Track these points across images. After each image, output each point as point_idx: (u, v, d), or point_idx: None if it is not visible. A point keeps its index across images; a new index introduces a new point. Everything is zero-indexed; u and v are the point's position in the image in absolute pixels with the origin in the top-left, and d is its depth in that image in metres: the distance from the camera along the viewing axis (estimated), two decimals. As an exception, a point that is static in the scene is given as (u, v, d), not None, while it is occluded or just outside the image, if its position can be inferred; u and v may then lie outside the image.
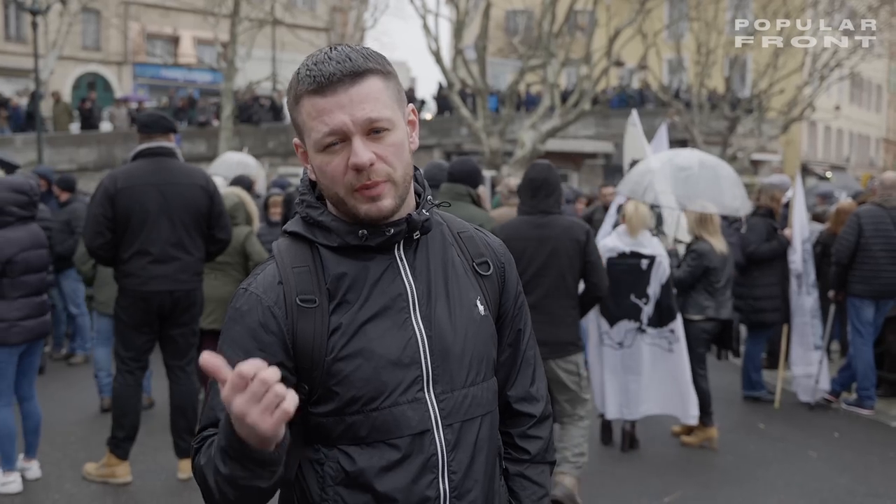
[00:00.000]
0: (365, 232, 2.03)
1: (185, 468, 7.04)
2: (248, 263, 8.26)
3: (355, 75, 1.95)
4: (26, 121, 30.44)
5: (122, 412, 6.86)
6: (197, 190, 6.78)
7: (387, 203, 2.01)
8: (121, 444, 6.89)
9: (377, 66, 2.00)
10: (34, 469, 6.99)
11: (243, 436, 1.74)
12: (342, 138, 1.96)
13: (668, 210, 9.52)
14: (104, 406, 8.97)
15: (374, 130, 1.97)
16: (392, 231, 2.05)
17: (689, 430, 8.47)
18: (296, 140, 2.11)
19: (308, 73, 1.96)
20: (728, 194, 8.91)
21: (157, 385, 8.97)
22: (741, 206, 9.03)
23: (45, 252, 6.74)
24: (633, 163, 10.01)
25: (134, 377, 6.86)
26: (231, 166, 14.91)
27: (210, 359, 1.67)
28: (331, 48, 2.01)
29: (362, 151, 1.95)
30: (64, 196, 11.17)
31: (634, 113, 10.36)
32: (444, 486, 2.06)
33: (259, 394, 1.66)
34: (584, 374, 6.64)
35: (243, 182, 11.27)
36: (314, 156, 2.01)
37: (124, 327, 6.78)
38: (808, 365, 9.72)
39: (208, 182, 6.90)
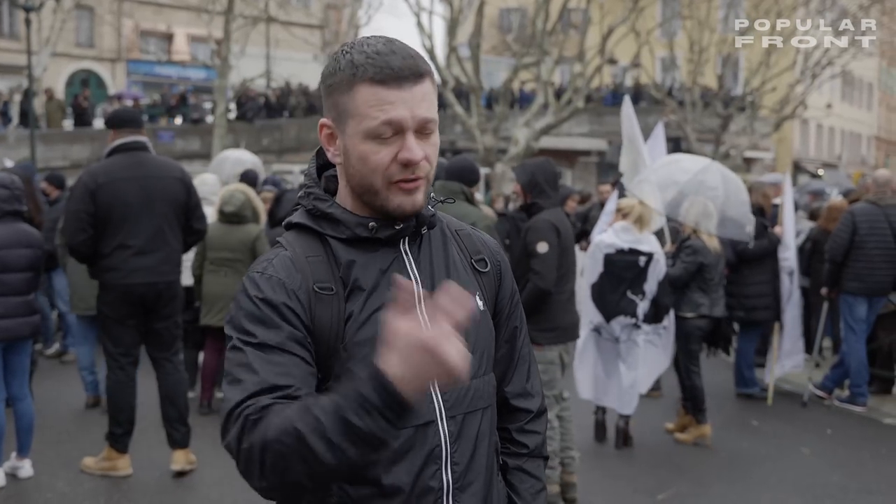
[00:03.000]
0: (375, 225, 2.05)
1: (178, 459, 7.06)
2: None
3: (419, 75, 1.99)
4: (20, 118, 30.36)
5: (117, 409, 6.89)
6: (175, 182, 6.91)
7: (420, 198, 2.05)
8: (120, 439, 6.94)
9: (430, 70, 2.04)
10: (27, 468, 6.96)
11: (405, 382, 1.69)
12: (397, 131, 1.98)
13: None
14: (88, 403, 9.07)
15: (424, 129, 2.00)
16: (401, 225, 2.07)
17: (682, 428, 8.49)
18: (324, 120, 2.10)
19: (371, 62, 1.96)
20: (748, 215, 8.96)
21: (143, 381, 8.94)
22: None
23: (30, 252, 6.66)
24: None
25: (126, 373, 6.90)
26: (236, 164, 14.85)
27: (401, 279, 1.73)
28: (387, 41, 2.02)
29: (416, 148, 1.98)
30: (54, 193, 11.14)
31: (626, 99, 10.27)
32: (447, 477, 2.07)
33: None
34: None
35: (248, 178, 11.30)
36: (359, 142, 2.01)
37: (110, 323, 6.82)
38: (797, 354, 9.79)
39: (184, 174, 7.06)
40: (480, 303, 2.21)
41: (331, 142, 2.10)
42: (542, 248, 6.31)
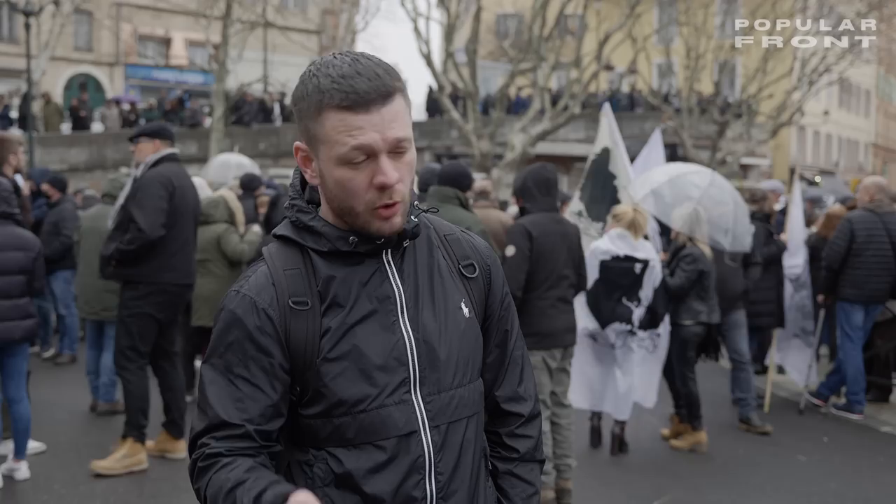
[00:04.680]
0: (355, 239, 2.05)
1: (184, 448, 7.33)
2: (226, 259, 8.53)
3: (386, 95, 1.96)
4: (19, 121, 30.28)
5: (144, 401, 7.24)
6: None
7: (398, 221, 2.04)
8: (143, 431, 7.25)
9: (400, 85, 2.01)
10: (23, 470, 6.96)
11: None
12: (369, 155, 1.97)
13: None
14: (101, 409, 9.00)
15: (398, 150, 1.99)
16: (382, 239, 2.07)
17: (678, 434, 8.49)
18: (298, 143, 2.09)
19: (336, 87, 1.94)
20: (748, 226, 8.99)
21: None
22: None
23: (22, 255, 6.64)
24: (604, 150, 9.78)
25: (146, 368, 7.29)
26: (230, 168, 14.93)
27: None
28: (353, 60, 1.99)
29: (391, 171, 1.97)
30: (56, 196, 11.15)
31: (606, 105, 10.19)
32: (430, 487, 2.07)
33: None
34: None
35: (251, 183, 11.40)
36: (333, 168, 2.00)
37: (150, 322, 7.11)
38: (803, 352, 9.92)
39: None
40: (466, 310, 2.21)
41: (307, 164, 2.09)
42: (509, 251, 6.34)
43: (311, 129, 2.02)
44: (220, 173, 14.64)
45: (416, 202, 2.19)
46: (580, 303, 7.58)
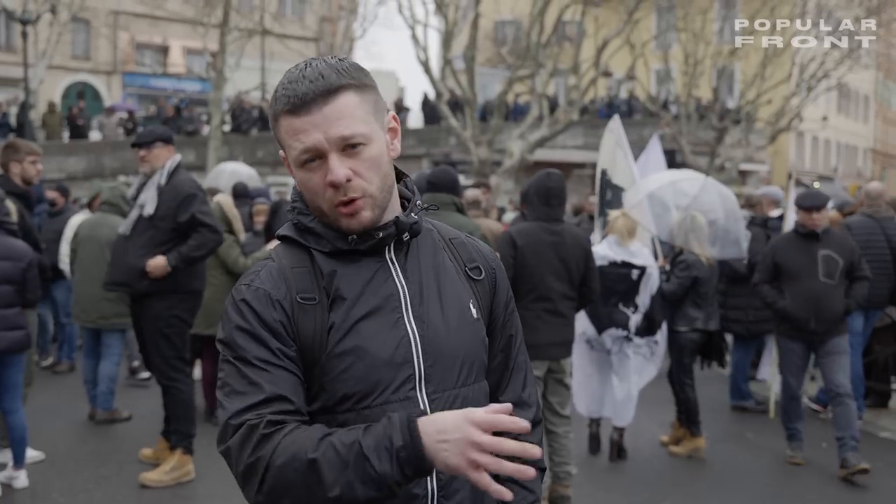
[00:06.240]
0: (355, 237, 2.07)
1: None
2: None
3: (328, 93, 1.98)
4: (17, 130, 30.31)
5: (194, 411, 7.33)
6: None
7: (365, 216, 2.05)
8: (192, 441, 7.26)
9: (351, 81, 2.02)
10: (22, 478, 6.95)
11: (435, 456, 1.78)
12: (318, 155, 2.00)
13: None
14: (97, 417, 8.98)
15: (349, 146, 2.00)
16: (381, 234, 2.08)
17: (677, 440, 8.49)
18: (281, 151, 2.13)
19: (283, 92, 2.00)
20: (743, 231, 8.98)
21: (137, 395, 8.91)
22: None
23: (9, 265, 6.55)
24: (603, 172, 9.73)
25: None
26: (242, 178, 14.90)
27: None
28: (306, 64, 2.04)
29: (338, 169, 1.99)
30: (61, 203, 11.16)
31: (616, 118, 10.09)
32: (432, 485, 2.06)
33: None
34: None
35: (245, 191, 11.43)
36: (296, 171, 2.06)
37: (187, 329, 7.19)
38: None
39: None
40: (474, 310, 2.22)
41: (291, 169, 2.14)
42: None
43: (277, 136, 2.09)
44: (230, 183, 14.58)
45: (418, 201, 2.20)
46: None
